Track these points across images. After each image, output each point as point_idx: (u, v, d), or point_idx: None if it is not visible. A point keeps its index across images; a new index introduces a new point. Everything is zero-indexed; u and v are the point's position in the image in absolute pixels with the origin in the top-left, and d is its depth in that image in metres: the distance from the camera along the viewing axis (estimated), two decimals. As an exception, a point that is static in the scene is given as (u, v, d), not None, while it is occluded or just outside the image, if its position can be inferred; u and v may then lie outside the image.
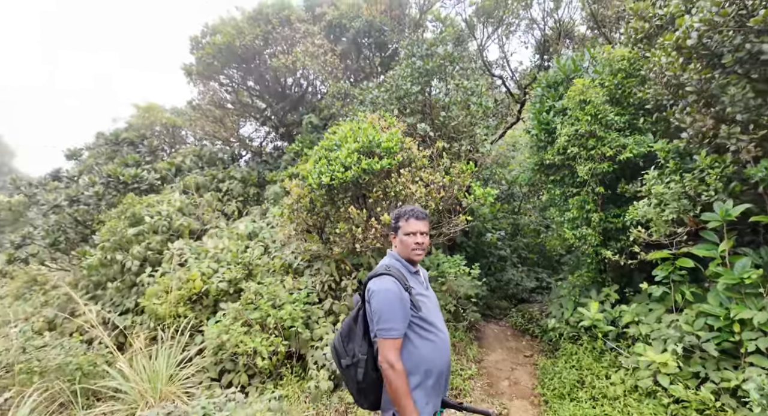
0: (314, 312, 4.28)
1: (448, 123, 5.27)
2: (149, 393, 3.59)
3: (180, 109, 11.27)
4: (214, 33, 8.92)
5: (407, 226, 1.94)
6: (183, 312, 4.52)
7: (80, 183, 8.14)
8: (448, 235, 4.95)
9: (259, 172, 8.92)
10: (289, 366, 4.02)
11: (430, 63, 5.47)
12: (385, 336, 1.69)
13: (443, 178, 4.41)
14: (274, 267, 4.97)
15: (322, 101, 8.97)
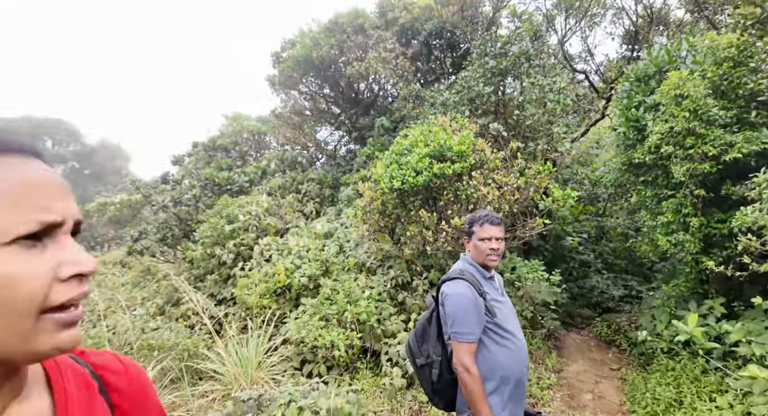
0: (386, 310, 4.43)
1: (523, 122, 5.10)
2: (242, 376, 4.00)
3: (264, 118, 12.23)
4: (292, 45, 9.56)
5: (482, 231, 1.95)
6: (268, 304, 4.95)
7: (183, 185, 9.23)
8: (523, 239, 4.80)
9: (334, 175, 9.38)
10: (364, 360, 4.21)
11: (504, 62, 5.34)
12: (459, 339, 1.73)
13: (517, 179, 4.30)
14: (349, 265, 5.22)
15: (393, 104, 9.15)
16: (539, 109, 5.27)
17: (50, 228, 0.46)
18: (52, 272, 0.46)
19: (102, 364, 0.65)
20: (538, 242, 7.11)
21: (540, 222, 4.28)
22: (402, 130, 5.69)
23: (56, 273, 0.46)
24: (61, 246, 0.47)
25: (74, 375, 0.60)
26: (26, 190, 0.45)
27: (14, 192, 0.44)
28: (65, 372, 0.59)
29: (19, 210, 0.44)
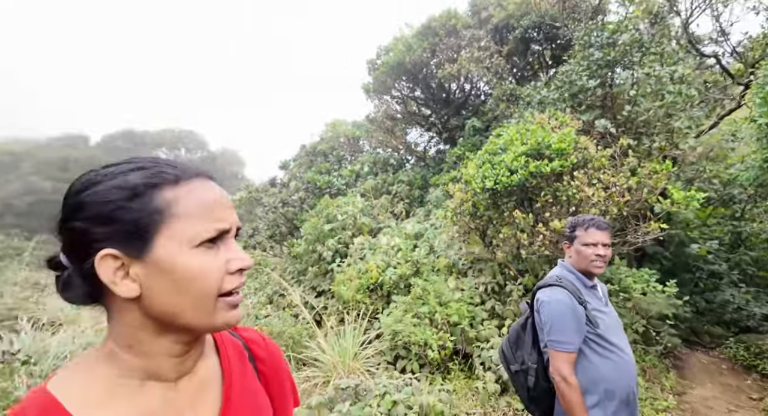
0: (477, 314, 4.38)
1: (636, 117, 4.61)
2: (340, 365, 4.30)
3: (359, 123, 12.85)
4: (386, 52, 9.89)
5: (586, 236, 1.86)
6: (362, 300, 5.23)
7: (289, 188, 10.16)
8: (634, 245, 4.35)
9: (423, 176, 9.49)
10: (456, 362, 4.22)
11: (612, 52, 4.89)
12: (556, 348, 1.69)
13: (628, 179, 3.92)
14: (439, 266, 5.26)
15: (486, 104, 8.94)
16: (655, 102, 4.72)
17: (222, 234, 0.61)
18: (224, 267, 0.60)
19: (250, 338, 0.82)
20: (655, 249, 6.33)
21: (655, 226, 3.85)
22: (495, 130, 5.55)
23: (227, 267, 0.61)
24: (228, 247, 0.62)
25: (232, 345, 0.77)
26: (208, 205, 0.60)
27: (200, 207, 0.60)
28: (227, 343, 0.77)
29: (204, 221, 0.59)
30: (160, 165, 0.60)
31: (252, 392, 0.75)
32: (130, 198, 0.56)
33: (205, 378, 0.68)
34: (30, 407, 0.54)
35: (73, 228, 0.57)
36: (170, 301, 0.57)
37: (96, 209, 0.56)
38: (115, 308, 0.59)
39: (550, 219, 3.97)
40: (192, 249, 0.58)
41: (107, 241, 0.55)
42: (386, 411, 2.97)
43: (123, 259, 0.56)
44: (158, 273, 0.56)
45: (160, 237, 0.56)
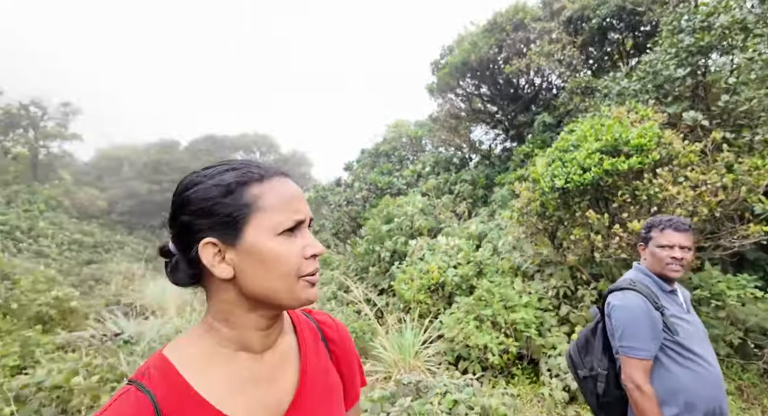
0: (546, 320, 4.18)
1: (735, 108, 4.10)
2: (400, 362, 4.35)
3: (422, 122, 12.86)
4: (450, 52, 9.78)
5: (661, 238, 1.74)
6: (423, 299, 5.23)
7: (353, 188, 10.46)
8: (729, 249, 3.88)
9: (487, 175, 9.24)
10: (520, 367, 4.07)
11: (706, 37, 4.40)
12: (629, 354, 1.60)
13: (722, 176, 3.51)
14: (503, 268, 5.10)
15: (558, 98, 8.47)
16: (761, 89, 4.17)
17: (299, 224, 0.70)
18: (301, 252, 0.69)
19: (322, 320, 0.91)
20: (757, 254, 5.57)
21: (756, 229, 3.40)
22: (567, 126, 5.25)
23: (303, 253, 0.69)
24: (303, 235, 0.71)
25: (307, 326, 0.86)
26: (288, 199, 0.70)
27: (282, 201, 0.69)
28: (302, 323, 0.86)
29: (284, 213, 0.68)
30: (249, 166, 0.71)
31: (324, 370, 0.82)
32: (225, 194, 0.66)
33: (285, 353, 0.77)
34: (152, 367, 0.67)
35: (180, 221, 0.68)
36: (258, 281, 0.67)
37: (198, 204, 0.67)
38: (214, 288, 0.70)
39: (628, 220, 3.68)
40: (275, 237, 0.67)
41: (207, 231, 0.66)
42: (447, 409, 2.96)
43: (220, 246, 0.66)
44: (248, 257, 0.66)
45: (249, 227, 0.66)
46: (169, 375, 0.66)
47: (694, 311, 1.80)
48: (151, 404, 0.62)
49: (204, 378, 0.67)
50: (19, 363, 4.12)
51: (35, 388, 2.56)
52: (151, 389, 0.64)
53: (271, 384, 0.73)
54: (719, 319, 3.68)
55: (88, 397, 2.74)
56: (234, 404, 0.67)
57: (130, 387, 0.65)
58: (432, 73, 10.26)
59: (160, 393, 0.64)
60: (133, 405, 0.62)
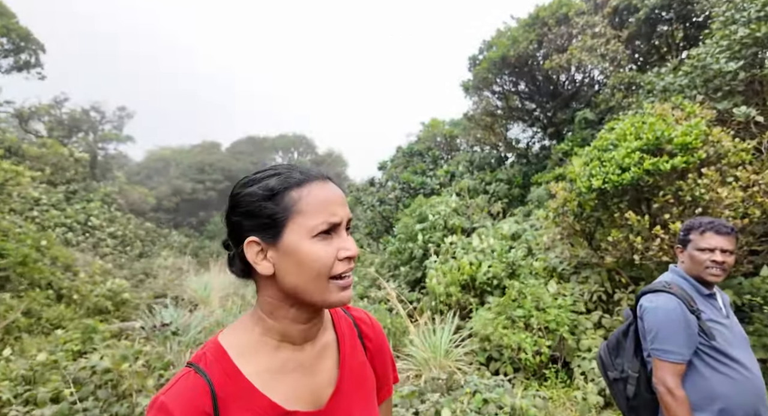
0: (581, 322, 4.08)
1: (792, 102, 3.82)
2: (431, 361, 4.38)
3: (456, 121, 12.74)
4: (489, 48, 9.63)
5: (701, 240, 1.69)
6: (454, 292, 5.21)
7: (387, 187, 10.55)
8: (786, 255, 3.63)
9: (524, 174, 9.04)
10: (553, 369, 4.00)
11: (762, 28, 4.12)
12: (661, 357, 1.57)
13: (778, 177, 3.28)
14: (537, 269, 5.00)
15: (600, 94, 8.15)
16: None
17: (334, 226, 0.74)
18: (335, 254, 0.73)
19: (359, 317, 0.95)
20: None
21: (815, 233, 3.17)
22: (608, 124, 5.07)
23: (337, 255, 0.74)
24: (340, 237, 0.75)
25: (345, 322, 0.91)
26: (324, 202, 0.74)
27: (319, 205, 0.73)
28: (341, 320, 0.91)
29: (321, 215, 0.72)
30: (291, 170, 0.76)
31: (360, 364, 0.88)
32: (268, 198, 0.73)
33: (325, 346, 0.83)
34: (208, 351, 0.75)
35: (232, 221, 0.76)
36: (294, 279, 0.72)
37: (245, 206, 0.74)
38: (261, 283, 0.77)
39: (671, 222, 3.52)
40: (311, 239, 0.72)
41: (252, 231, 0.73)
42: (476, 408, 2.97)
43: (262, 245, 0.73)
44: (286, 256, 0.72)
45: (288, 229, 0.72)
46: (223, 360, 0.73)
47: (735, 317, 1.73)
48: (208, 386, 0.69)
49: (252, 364, 0.74)
50: (80, 348, 4.51)
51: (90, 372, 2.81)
52: (207, 372, 0.71)
53: (313, 374, 0.79)
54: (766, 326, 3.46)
55: (137, 381, 2.98)
56: (278, 390, 0.74)
57: (190, 370, 0.72)
58: (468, 70, 10.13)
59: (216, 377, 0.71)
60: (192, 387, 0.69)
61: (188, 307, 7.88)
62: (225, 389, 0.70)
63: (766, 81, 4.36)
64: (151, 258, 14.78)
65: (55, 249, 8.79)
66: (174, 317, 6.59)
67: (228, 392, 0.70)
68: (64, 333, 5.00)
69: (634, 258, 3.88)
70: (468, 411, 2.93)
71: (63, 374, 3.00)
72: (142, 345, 4.53)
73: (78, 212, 14.87)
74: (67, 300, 7.33)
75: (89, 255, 12.23)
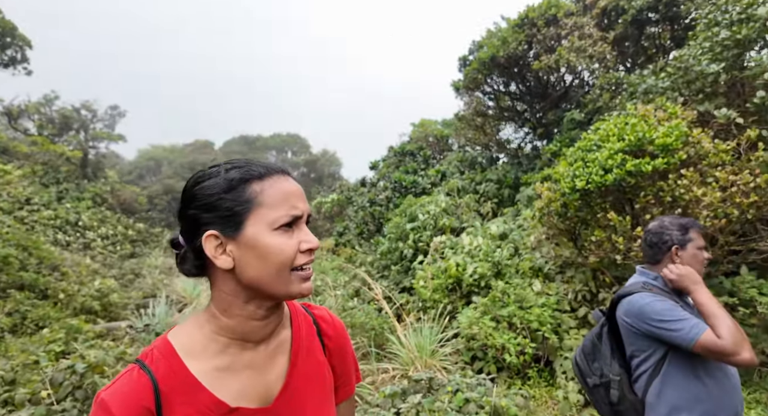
0: (565, 321, 4.11)
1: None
2: (417, 360, 4.39)
3: (447, 121, 12.78)
4: (479, 48, 9.66)
5: (699, 240, 1.70)
6: (440, 298, 5.24)
7: (378, 187, 10.56)
8: (766, 253, 3.68)
9: (515, 174, 9.08)
10: (536, 369, 4.03)
11: (744, 30, 4.17)
12: (699, 335, 1.43)
13: (755, 177, 3.33)
14: (523, 269, 5.03)
15: (588, 95, 8.22)
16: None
17: (296, 219, 0.75)
18: (297, 246, 0.74)
19: (320, 315, 0.95)
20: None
21: (790, 233, 3.22)
22: (594, 124, 5.11)
23: (299, 246, 0.74)
24: (301, 230, 0.76)
25: (304, 319, 0.91)
26: (285, 196, 0.74)
27: (280, 197, 0.74)
28: (300, 316, 0.91)
29: (282, 208, 0.73)
30: (250, 164, 0.76)
31: (317, 362, 0.87)
32: (227, 190, 0.72)
33: (280, 345, 0.83)
34: (156, 348, 0.75)
35: (187, 215, 0.75)
36: (255, 272, 0.72)
37: (203, 200, 0.73)
38: (217, 278, 0.76)
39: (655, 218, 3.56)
40: (272, 231, 0.72)
41: (211, 224, 0.73)
42: (457, 407, 2.98)
43: (221, 238, 0.72)
44: (247, 249, 0.72)
45: (248, 221, 0.72)
46: (170, 357, 0.73)
47: None
48: (151, 383, 0.69)
49: (200, 363, 0.73)
50: (63, 349, 4.48)
51: (70, 372, 2.80)
52: (152, 369, 0.71)
53: (264, 372, 0.78)
54: (751, 326, 3.51)
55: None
56: (227, 388, 0.73)
57: (135, 366, 0.72)
58: (459, 70, 10.16)
59: (161, 374, 0.71)
60: (135, 382, 0.69)
61: (177, 307, 7.85)
62: (169, 385, 0.70)
63: (747, 83, 4.42)
64: (142, 258, 14.68)
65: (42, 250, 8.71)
66: (162, 317, 6.56)
67: (172, 388, 0.70)
68: (49, 334, 4.96)
69: (616, 258, 3.92)
70: (449, 410, 2.94)
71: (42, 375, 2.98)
72: (127, 345, 4.51)
73: (68, 212, 14.74)
74: (53, 301, 7.27)
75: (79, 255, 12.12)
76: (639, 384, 1.65)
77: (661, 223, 1.78)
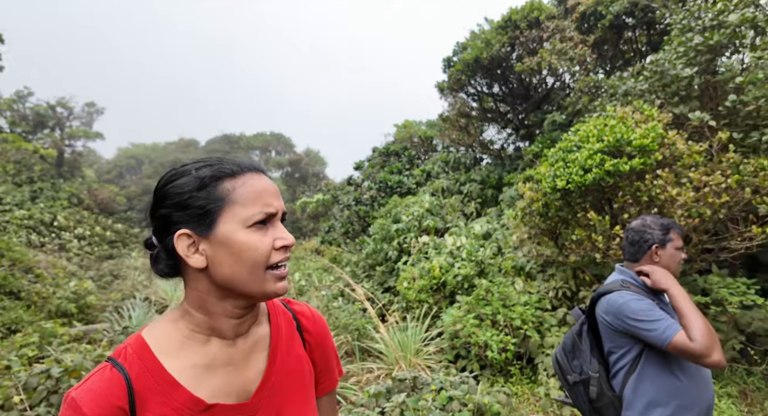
0: (546, 319, 4.19)
1: (742, 108, 4.02)
2: (402, 360, 4.41)
3: (432, 122, 12.86)
4: (463, 49, 9.75)
5: (678, 240, 1.74)
6: (425, 298, 5.28)
7: (363, 187, 10.55)
8: (736, 251, 3.82)
9: (498, 174, 9.20)
10: (518, 366, 4.09)
11: (715, 35, 4.32)
12: (672, 336, 1.48)
13: (726, 178, 3.45)
14: (506, 268, 5.10)
15: (568, 98, 8.39)
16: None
17: (270, 217, 0.74)
18: (271, 243, 0.73)
19: (299, 311, 0.95)
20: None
21: (758, 231, 3.35)
22: (574, 126, 5.22)
23: (273, 244, 0.73)
24: (275, 227, 0.75)
25: (284, 315, 0.91)
26: (259, 193, 0.74)
27: (254, 195, 0.73)
28: (279, 313, 0.90)
29: (255, 206, 0.72)
30: (222, 162, 0.76)
31: (297, 357, 0.87)
32: (199, 188, 0.72)
33: (257, 341, 0.82)
34: (129, 346, 0.73)
35: (159, 214, 0.74)
36: (229, 271, 0.71)
37: (175, 198, 0.72)
38: (190, 277, 0.75)
39: (629, 222, 3.65)
40: (246, 229, 0.71)
41: (183, 223, 0.72)
42: (441, 405, 3.01)
43: (194, 237, 0.71)
44: (220, 247, 0.71)
45: (221, 219, 0.71)
46: (144, 354, 0.71)
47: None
48: (125, 381, 0.68)
49: (177, 360, 0.72)
50: (36, 352, 4.34)
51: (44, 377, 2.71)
52: (126, 367, 0.69)
53: (242, 369, 0.78)
54: (721, 323, 3.63)
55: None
56: (205, 385, 0.72)
57: (107, 365, 0.70)
58: (443, 71, 10.23)
59: (135, 372, 0.69)
60: (107, 380, 0.67)
61: (157, 308, 7.69)
62: (143, 383, 0.69)
63: (719, 87, 4.58)
64: (121, 259, 14.32)
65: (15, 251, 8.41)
66: (141, 318, 6.42)
67: (146, 387, 0.69)
68: (21, 338, 4.79)
69: (596, 257, 4.01)
70: (432, 409, 2.96)
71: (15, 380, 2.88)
72: (105, 348, 4.39)
73: (43, 212, 14.27)
74: (27, 303, 7.03)
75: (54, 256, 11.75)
76: (616, 381, 1.69)
77: (644, 222, 1.81)
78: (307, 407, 0.86)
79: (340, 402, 3.62)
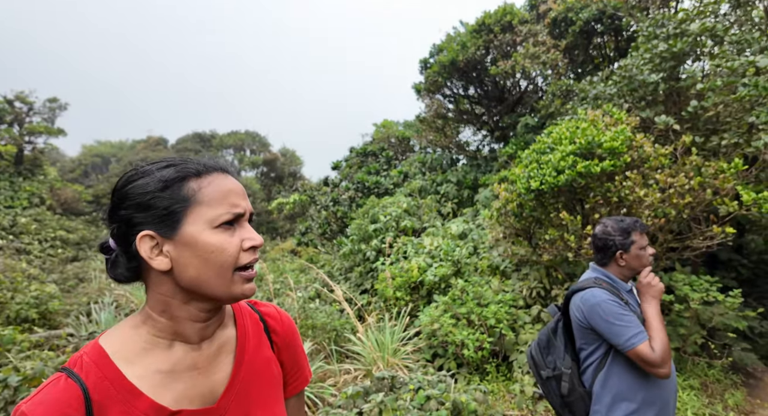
0: (520, 317, 4.27)
1: (702, 113, 4.24)
2: (379, 360, 4.40)
3: (409, 122, 12.92)
4: (439, 51, 9.85)
5: (641, 239, 1.79)
6: (402, 297, 5.29)
7: (340, 188, 10.49)
8: (698, 250, 4.01)
9: (474, 175, 9.35)
10: (494, 364, 4.16)
11: (678, 43, 4.53)
12: (636, 345, 1.57)
13: (689, 179, 3.62)
14: (482, 267, 5.18)
15: (541, 101, 8.61)
16: (727, 95, 4.30)
17: (238, 217, 0.73)
18: (239, 244, 0.72)
19: (266, 312, 0.93)
20: (730, 255, 5.74)
21: (717, 230, 3.53)
22: (547, 129, 5.36)
23: (242, 245, 0.72)
24: (243, 228, 0.74)
25: (250, 317, 0.89)
26: (226, 194, 0.72)
27: (220, 195, 0.71)
28: (245, 314, 0.88)
29: (222, 206, 0.71)
30: (187, 162, 0.73)
31: (264, 359, 0.85)
32: (163, 189, 0.69)
33: (223, 344, 0.80)
34: (86, 355, 0.69)
35: (119, 216, 0.71)
36: (195, 273, 0.69)
37: (137, 199, 0.69)
38: (152, 281, 0.72)
39: (599, 221, 3.78)
40: (213, 230, 0.69)
41: (145, 224, 0.69)
42: (419, 404, 3.02)
43: (157, 239, 0.69)
44: (185, 249, 0.69)
45: (186, 220, 0.69)
46: (102, 363, 0.68)
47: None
48: (81, 391, 0.64)
49: (138, 367, 0.69)
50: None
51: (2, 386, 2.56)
52: (81, 376, 0.65)
53: (207, 373, 0.75)
54: (684, 318, 3.80)
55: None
56: (168, 392, 0.70)
57: (61, 375, 0.66)
58: (420, 73, 10.31)
59: (92, 381, 0.65)
60: (62, 391, 0.63)
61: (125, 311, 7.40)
62: (102, 393, 0.65)
63: (682, 92, 4.80)
64: (86, 262, 13.72)
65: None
66: (108, 323, 6.16)
67: (106, 396, 0.65)
68: (-24, 346, 4.50)
69: (568, 256, 4.12)
70: (410, 408, 2.97)
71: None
72: (69, 355, 4.19)
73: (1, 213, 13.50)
74: (-18, 310, 6.63)
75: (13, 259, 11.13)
76: (586, 376, 1.75)
77: (604, 229, 1.85)
78: (276, 408, 0.84)
79: (317, 404, 3.58)
